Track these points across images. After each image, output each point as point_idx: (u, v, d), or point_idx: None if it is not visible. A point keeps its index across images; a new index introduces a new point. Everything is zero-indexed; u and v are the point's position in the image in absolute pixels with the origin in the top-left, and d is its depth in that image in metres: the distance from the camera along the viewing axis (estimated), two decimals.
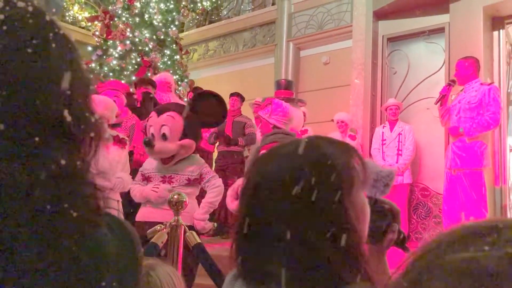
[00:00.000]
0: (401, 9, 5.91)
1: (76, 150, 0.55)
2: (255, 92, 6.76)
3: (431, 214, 5.49)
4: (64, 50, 0.55)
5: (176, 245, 1.59)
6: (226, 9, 8.88)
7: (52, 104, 0.51)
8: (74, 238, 0.51)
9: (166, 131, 2.71)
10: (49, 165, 0.50)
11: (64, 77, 0.53)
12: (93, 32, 7.45)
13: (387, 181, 1.15)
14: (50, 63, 0.52)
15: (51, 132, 0.51)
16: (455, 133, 4.24)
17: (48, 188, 0.50)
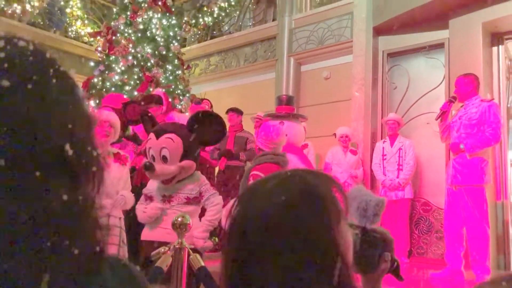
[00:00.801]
0: (401, 25, 5.96)
1: (78, 185, 0.54)
2: (256, 106, 6.79)
3: (433, 229, 5.48)
4: (64, 86, 0.55)
5: (180, 268, 1.60)
6: (227, 24, 8.96)
7: (53, 138, 0.51)
8: (74, 279, 0.50)
9: (166, 153, 2.71)
10: (50, 202, 0.49)
11: (65, 112, 0.53)
12: (95, 48, 7.51)
13: (376, 211, 1.16)
14: (50, 98, 0.52)
15: (52, 167, 0.50)
16: (456, 149, 4.25)
17: (48, 225, 0.49)
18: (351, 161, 5.75)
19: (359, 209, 1.19)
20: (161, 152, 2.73)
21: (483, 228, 4.11)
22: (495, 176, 5.24)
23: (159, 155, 2.73)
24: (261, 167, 2.80)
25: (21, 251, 0.47)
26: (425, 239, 5.57)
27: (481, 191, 4.16)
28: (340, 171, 5.74)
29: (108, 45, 6.90)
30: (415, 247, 5.60)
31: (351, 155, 5.79)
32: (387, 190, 5.47)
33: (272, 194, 0.78)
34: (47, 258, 0.48)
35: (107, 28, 7.04)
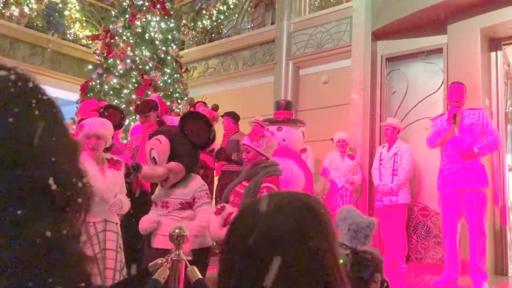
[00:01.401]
0: (400, 30, 5.97)
1: (63, 218, 0.52)
2: (254, 110, 6.79)
3: (431, 234, 5.48)
4: (48, 117, 0.54)
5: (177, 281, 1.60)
6: (226, 27, 8.96)
7: (36, 173, 0.49)
8: None
9: (154, 154, 2.75)
10: (33, 239, 0.48)
11: (47, 145, 0.52)
12: (94, 51, 7.50)
13: (367, 232, 1.16)
14: (33, 131, 0.50)
15: (35, 203, 0.49)
16: (470, 153, 4.21)
17: (32, 264, 0.47)
18: (349, 165, 5.75)
19: (349, 230, 1.18)
20: (151, 154, 2.78)
21: (484, 233, 4.15)
22: (494, 181, 5.25)
23: (149, 156, 2.76)
24: (272, 180, 2.78)
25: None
26: (423, 244, 5.57)
27: (485, 194, 4.24)
28: (338, 175, 5.74)
29: (106, 48, 6.89)
30: (413, 252, 5.60)
31: (349, 160, 5.79)
32: (382, 195, 5.49)
33: (280, 209, 0.79)
34: None
35: (105, 31, 7.03)
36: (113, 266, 2.99)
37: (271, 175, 2.73)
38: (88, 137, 3.06)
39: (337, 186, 5.72)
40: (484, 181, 4.23)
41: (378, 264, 1.15)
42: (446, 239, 4.33)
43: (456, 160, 4.27)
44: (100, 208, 2.99)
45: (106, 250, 3.02)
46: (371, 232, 1.20)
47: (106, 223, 3.08)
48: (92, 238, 2.95)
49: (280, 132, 4.75)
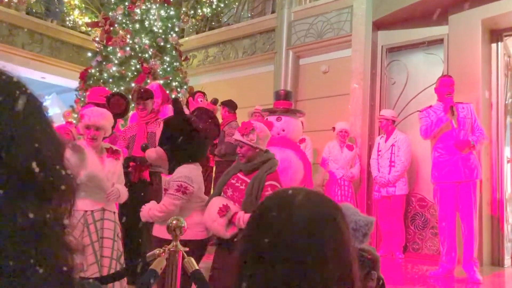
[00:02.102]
0: (401, 20, 5.94)
1: (46, 203, 0.54)
2: (254, 99, 6.78)
3: (428, 225, 5.51)
4: (31, 107, 0.56)
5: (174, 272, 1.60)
6: (226, 16, 8.91)
7: (19, 157, 0.51)
8: None
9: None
10: (15, 218, 0.49)
11: (31, 131, 0.54)
12: (93, 38, 7.46)
13: (365, 231, 1.16)
14: (17, 118, 0.53)
15: (18, 185, 0.51)
16: (467, 145, 4.24)
17: (13, 242, 0.49)
18: (347, 157, 5.76)
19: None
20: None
21: (476, 223, 4.18)
22: (492, 173, 5.26)
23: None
24: (274, 176, 2.75)
25: None
26: (421, 235, 5.60)
27: (475, 185, 4.30)
28: (337, 167, 5.76)
29: (105, 36, 6.84)
30: (410, 243, 5.63)
31: (348, 150, 5.79)
32: (380, 186, 5.51)
33: (315, 203, 0.82)
34: (11, 276, 0.49)
35: (104, 19, 6.98)
36: (110, 254, 3.01)
37: (273, 171, 2.71)
38: (88, 127, 3.06)
39: (336, 177, 5.74)
40: (478, 173, 4.28)
41: (375, 262, 1.16)
42: (445, 231, 4.34)
43: (454, 152, 4.28)
44: (98, 197, 3.00)
45: (103, 239, 3.04)
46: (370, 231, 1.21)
47: (104, 211, 3.09)
48: (90, 226, 2.96)
49: (279, 122, 4.74)
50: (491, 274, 4.70)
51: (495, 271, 4.87)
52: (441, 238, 4.36)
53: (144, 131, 4.19)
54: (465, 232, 4.17)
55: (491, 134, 5.28)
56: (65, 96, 9.27)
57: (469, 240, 4.14)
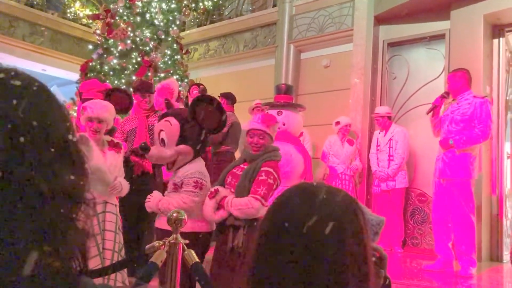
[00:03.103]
0: (402, 15, 5.92)
1: (79, 172, 0.63)
2: (254, 93, 6.78)
3: (428, 220, 5.52)
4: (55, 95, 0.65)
5: (175, 264, 1.61)
6: (227, 9, 8.88)
7: (59, 130, 0.61)
8: None
9: (163, 136, 2.73)
10: (63, 177, 0.59)
11: (62, 113, 0.64)
12: (94, 31, 7.44)
13: (377, 229, 1.17)
14: (54, 99, 0.64)
15: (57, 154, 0.59)
16: (446, 145, 4.25)
17: (56, 204, 0.57)
18: (348, 151, 5.76)
19: None
20: (160, 135, 2.74)
21: (469, 221, 4.13)
22: (491, 169, 5.27)
23: (158, 137, 2.75)
24: (272, 164, 2.75)
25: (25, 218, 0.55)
26: (420, 229, 5.62)
27: (467, 185, 4.17)
28: (338, 162, 5.76)
29: (106, 28, 6.83)
30: (409, 237, 5.65)
31: (348, 145, 5.80)
32: (379, 180, 5.53)
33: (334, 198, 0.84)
34: (57, 231, 0.57)
35: (106, 11, 6.96)
36: (112, 247, 3.02)
37: (271, 159, 2.73)
38: (91, 120, 3.06)
39: (337, 172, 5.75)
40: (467, 172, 4.15)
41: (383, 260, 1.17)
42: (435, 225, 4.37)
43: (440, 150, 4.32)
44: (101, 189, 3.01)
45: (105, 231, 3.05)
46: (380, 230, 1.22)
47: (106, 204, 3.11)
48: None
49: (280, 116, 4.76)
50: (489, 269, 4.72)
51: (494, 266, 4.89)
52: (433, 232, 4.41)
53: (145, 124, 4.18)
54: (453, 228, 4.18)
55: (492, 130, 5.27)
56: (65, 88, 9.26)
57: (458, 235, 4.15)
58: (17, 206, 0.54)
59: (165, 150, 2.74)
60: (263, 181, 2.64)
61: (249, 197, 2.58)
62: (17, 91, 0.59)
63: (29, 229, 0.54)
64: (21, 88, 0.59)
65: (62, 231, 0.57)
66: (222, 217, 2.66)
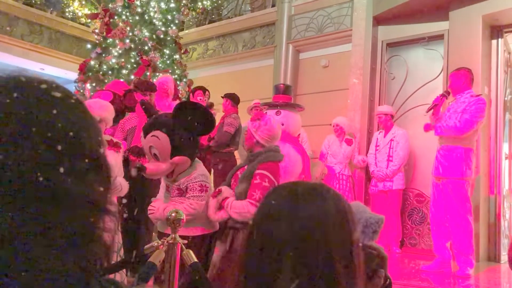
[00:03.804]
0: (401, 15, 5.93)
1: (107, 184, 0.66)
2: (253, 93, 6.77)
3: (426, 220, 5.53)
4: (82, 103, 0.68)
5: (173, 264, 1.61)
6: (226, 9, 8.88)
7: (91, 143, 0.63)
8: None
9: (155, 151, 2.62)
10: (95, 187, 0.62)
11: (93, 124, 0.66)
12: (92, 30, 7.44)
13: (375, 228, 1.17)
14: (88, 113, 0.66)
15: (88, 166, 0.62)
16: (427, 127, 4.30)
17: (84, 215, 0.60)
18: (346, 151, 5.77)
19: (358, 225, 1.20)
20: (151, 151, 2.66)
21: (466, 221, 4.12)
22: (489, 169, 5.28)
23: (150, 153, 2.66)
24: (269, 167, 2.71)
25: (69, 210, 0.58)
26: (418, 230, 5.63)
27: (461, 184, 4.15)
28: (335, 162, 5.77)
29: (105, 28, 6.82)
30: (407, 238, 5.66)
31: (346, 145, 5.81)
32: (377, 180, 5.53)
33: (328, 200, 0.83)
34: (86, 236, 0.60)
35: (104, 10, 6.95)
36: None
37: (267, 160, 2.69)
38: None
39: (335, 172, 5.75)
40: (460, 171, 4.13)
41: (383, 260, 1.17)
42: (432, 224, 4.38)
43: (435, 148, 4.34)
44: None
45: None
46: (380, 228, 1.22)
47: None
48: None
49: (279, 116, 4.76)
50: (487, 269, 4.73)
51: (492, 266, 4.90)
52: (431, 232, 4.41)
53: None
54: (451, 228, 4.19)
55: (490, 130, 5.29)
56: None
57: (456, 236, 4.15)
58: (50, 211, 0.56)
59: (160, 164, 2.64)
60: (258, 185, 2.61)
61: (246, 201, 2.57)
62: (57, 103, 0.61)
63: (59, 235, 0.56)
64: (61, 100, 0.62)
65: (89, 239, 0.60)
66: (222, 218, 2.65)
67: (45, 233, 0.55)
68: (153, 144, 2.63)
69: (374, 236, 1.20)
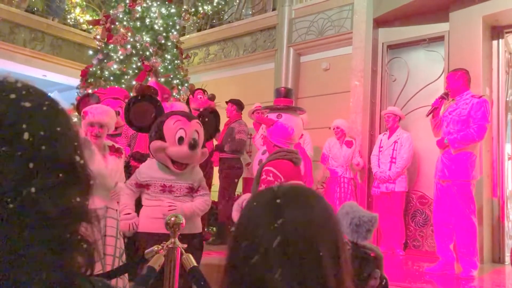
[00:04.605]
0: (402, 17, 5.93)
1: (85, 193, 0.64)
2: (254, 97, 6.78)
3: (429, 222, 5.51)
4: (63, 110, 0.66)
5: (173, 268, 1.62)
6: (227, 13, 8.90)
7: (65, 151, 0.61)
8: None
9: (196, 136, 2.73)
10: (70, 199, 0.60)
11: (70, 130, 0.64)
12: (94, 36, 7.47)
13: (369, 227, 1.17)
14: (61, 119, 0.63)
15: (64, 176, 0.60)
16: (441, 144, 4.26)
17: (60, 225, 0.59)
18: (346, 154, 5.76)
19: (351, 224, 1.20)
20: (193, 135, 2.76)
21: (470, 223, 4.10)
22: (492, 170, 5.26)
23: (190, 137, 2.73)
24: (274, 163, 2.86)
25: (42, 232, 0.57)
26: (421, 232, 5.61)
27: (467, 186, 4.13)
28: (337, 165, 5.76)
29: (106, 34, 6.86)
30: (411, 240, 5.64)
31: (346, 147, 5.80)
32: (379, 182, 5.52)
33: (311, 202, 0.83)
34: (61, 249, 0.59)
35: (105, 16, 7.00)
36: (113, 252, 3.02)
37: (274, 159, 2.81)
38: (92, 125, 3.05)
39: (336, 174, 5.74)
40: (466, 173, 4.12)
41: (379, 260, 1.16)
42: (436, 226, 4.36)
43: (439, 150, 4.32)
44: (102, 194, 3.00)
45: (106, 237, 3.04)
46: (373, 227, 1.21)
47: (107, 209, 3.10)
48: None
49: (280, 119, 4.75)
50: (491, 271, 4.70)
51: (496, 268, 4.88)
52: (435, 234, 4.39)
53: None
54: (455, 229, 4.17)
55: (492, 131, 5.27)
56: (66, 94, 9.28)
57: (460, 237, 4.13)
58: (25, 228, 0.55)
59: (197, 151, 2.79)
60: (263, 180, 2.77)
61: None
62: (27, 114, 0.59)
63: (36, 250, 0.55)
64: (31, 109, 0.59)
65: (69, 249, 0.59)
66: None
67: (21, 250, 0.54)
68: (198, 129, 2.76)
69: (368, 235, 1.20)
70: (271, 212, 0.80)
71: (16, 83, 0.62)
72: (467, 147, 4.15)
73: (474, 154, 4.19)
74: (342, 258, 0.80)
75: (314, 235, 0.78)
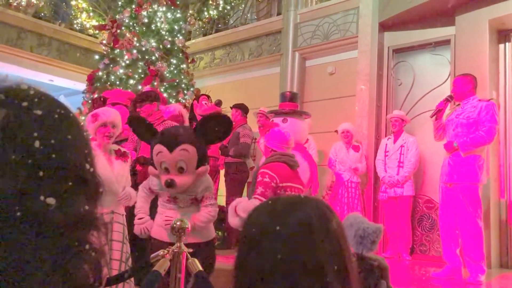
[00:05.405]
0: (407, 21, 5.92)
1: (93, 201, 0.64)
2: (260, 101, 6.79)
3: (436, 227, 5.47)
4: (73, 117, 0.65)
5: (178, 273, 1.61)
6: (232, 18, 8.93)
7: (75, 159, 0.61)
8: None
9: (183, 165, 2.60)
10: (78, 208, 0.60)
11: (80, 138, 0.64)
12: (100, 41, 7.51)
13: (373, 238, 1.16)
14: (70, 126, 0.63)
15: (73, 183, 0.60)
16: (450, 148, 4.22)
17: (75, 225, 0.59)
18: (353, 158, 5.74)
19: (356, 236, 1.19)
20: (177, 164, 2.63)
21: (477, 227, 4.07)
22: (499, 174, 5.22)
23: (174, 167, 2.62)
24: (269, 165, 2.92)
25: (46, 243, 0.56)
26: (428, 236, 5.57)
27: (475, 189, 4.10)
28: (343, 169, 5.74)
29: (113, 38, 6.89)
30: (417, 244, 5.61)
31: (353, 152, 5.78)
32: (387, 186, 5.49)
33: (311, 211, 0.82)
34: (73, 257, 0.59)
35: (112, 21, 7.03)
36: (119, 257, 3.02)
37: (270, 162, 2.87)
38: (105, 125, 3.04)
39: (343, 179, 5.72)
40: (474, 176, 4.09)
41: (384, 271, 1.15)
42: (442, 231, 4.33)
43: (446, 154, 4.29)
44: (108, 199, 2.99)
45: (112, 241, 3.04)
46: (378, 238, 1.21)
47: (113, 214, 3.10)
48: None
49: (285, 123, 4.75)
50: (499, 276, 4.66)
51: (504, 273, 4.83)
52: (441, 238, 4.36)
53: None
54: (461, 234, 4.14)
55: (499, 135, 5.23)
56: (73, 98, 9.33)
57: (466, 242, 4.10)
58: (33, 236, 0.55)
59: (186, 178, 2.65)
60: (259, 182, 2.89)
61: (252, 198, 2.79)
62: (38, 122, 0.58)
63: (44, 258, 0.55)
64: (42, 117, 0.59)
65: (76, 257, 0.59)
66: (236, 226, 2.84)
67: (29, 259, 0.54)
68: (182, 158, 2.61)
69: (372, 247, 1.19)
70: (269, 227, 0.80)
71: (28, 90, 0.62)
72: (475, 150, 4.12)
73: (482, 157, 4.15)
74: (349, 269, 0.79)
75: (315, 247, 0.77)
